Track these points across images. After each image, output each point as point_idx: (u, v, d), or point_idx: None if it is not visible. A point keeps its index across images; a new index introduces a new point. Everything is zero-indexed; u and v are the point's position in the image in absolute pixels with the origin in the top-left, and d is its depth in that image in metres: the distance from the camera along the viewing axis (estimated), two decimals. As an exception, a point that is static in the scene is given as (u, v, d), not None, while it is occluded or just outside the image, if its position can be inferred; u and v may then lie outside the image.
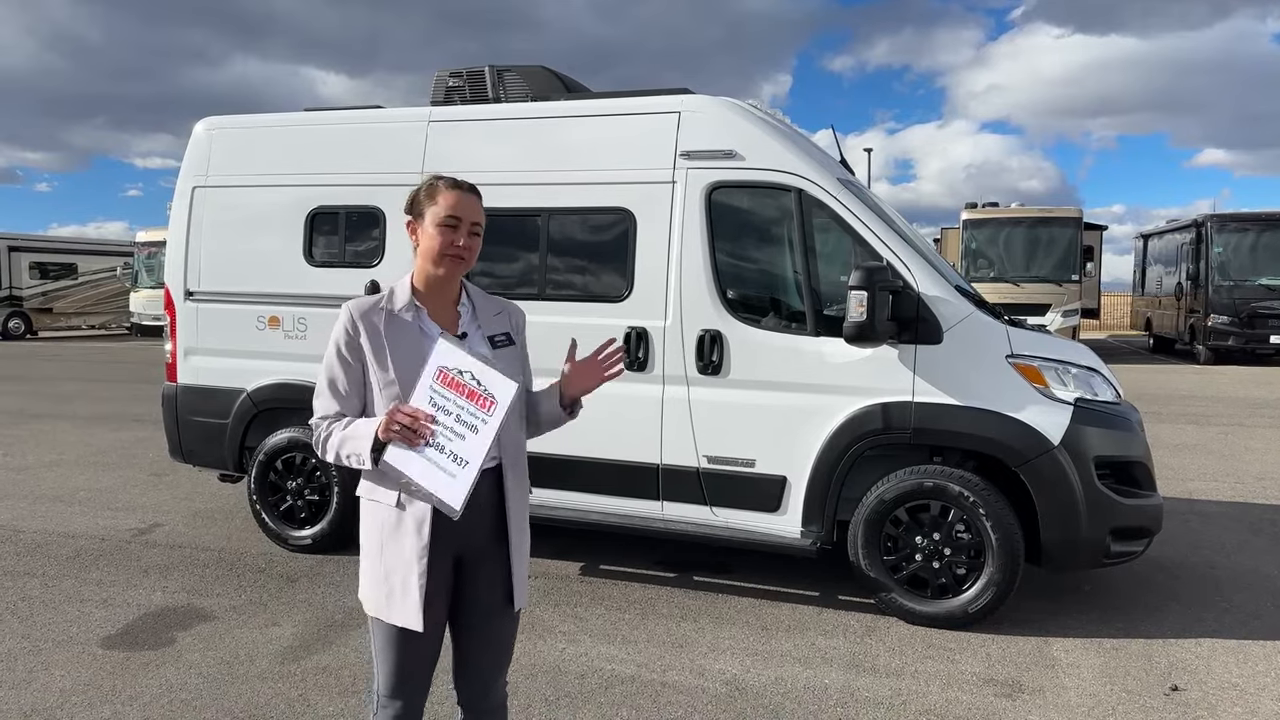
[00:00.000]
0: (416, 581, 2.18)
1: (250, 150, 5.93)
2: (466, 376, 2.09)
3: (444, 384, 2.09)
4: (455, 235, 2.24)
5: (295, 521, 5.79)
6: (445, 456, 2.06)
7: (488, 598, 2.32)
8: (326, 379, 2.29)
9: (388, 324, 2.26)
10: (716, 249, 4.87)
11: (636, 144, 5.02)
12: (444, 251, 2.24)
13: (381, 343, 2.23)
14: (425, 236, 2.26)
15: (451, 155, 5.39)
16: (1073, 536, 4.39)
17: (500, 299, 2.48)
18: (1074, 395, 4.45)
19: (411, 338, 2.23)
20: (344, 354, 2.26)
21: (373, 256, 5.53)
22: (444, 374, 2.09)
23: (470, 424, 2.06)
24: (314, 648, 4.28)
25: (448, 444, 2.07)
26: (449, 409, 2.08)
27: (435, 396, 2.09)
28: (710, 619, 4.67)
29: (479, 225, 2.31)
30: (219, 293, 5.91)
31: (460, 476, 2.05)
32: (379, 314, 2.27)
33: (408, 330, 2.25)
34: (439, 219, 2.24)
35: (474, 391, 2.08)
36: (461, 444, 2.07)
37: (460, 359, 2.10)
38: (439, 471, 2.06)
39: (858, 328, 4.36)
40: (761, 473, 4.79)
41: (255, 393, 5.80)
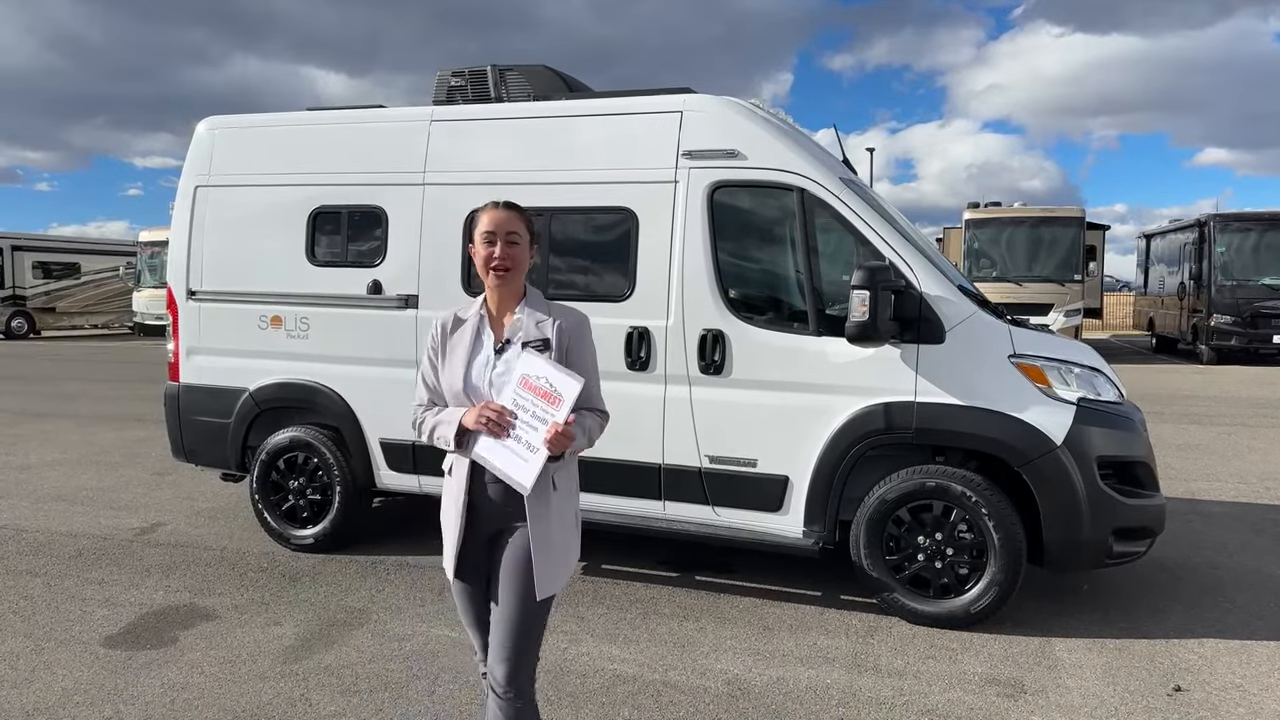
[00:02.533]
0: (453, 541, 2.61)
1: (252, 150, 5.93)
2: (542, 381, 2.48)
3: (525, 388, 2.49)
4: (493, 248, 2.56)
5: (297, 521, 5.79)
6: (521, 445, 2.47)
7: (503, 577, 2.58)
8: (422, 375, 2.71)
9: (452, 329, 2.65)
10: (719, 248, 4.86)
11: (638, 143, 5.02)
12: (486, 264, 2.58)
13: (442, 345, 2.65)
14: (474, 254, 2.60)
15: (453, 155, 5.40)
16: (1075, 537, 4.38)
17: (558, 306, 2.71)
18: (1077, 395, 4.44)
19: (464, 342, 2.62)
20: (432, 350, 2.67)
21: (375, 256, 5.53)
22: (526, 380, 2.49)
23: (542, 418, 2.46)
24: (316, 647, 4.28)
25: (524, 435, 2.47)
26: (526, 407, 2.48)
27: (518, 398, 2.49)
28: (712, 618, 4.67)
29: (515, 234, 2.59)
30: (221, 292, 5.91)
31: (531, 461, 2.46)
32: (450, 320, 2.67)
33: (464, 335, 2.63)
34: (479, 236, 2.59)
35: (546, 392, 2.48)
36: (534, 435, 2.46)
37: (539, 367, 2.50)
38: (514, 457, 2.48)
39: (860, 327, 4.35)
40: (764, 472, 4.79)
41: (257, 392, 5.81)
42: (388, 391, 5.47)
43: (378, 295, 5.48)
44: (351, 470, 5.62)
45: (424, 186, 5.41)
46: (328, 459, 5.64)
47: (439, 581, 5.21)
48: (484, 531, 2.61)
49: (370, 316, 5.50)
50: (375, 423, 5.54)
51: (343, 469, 5.62)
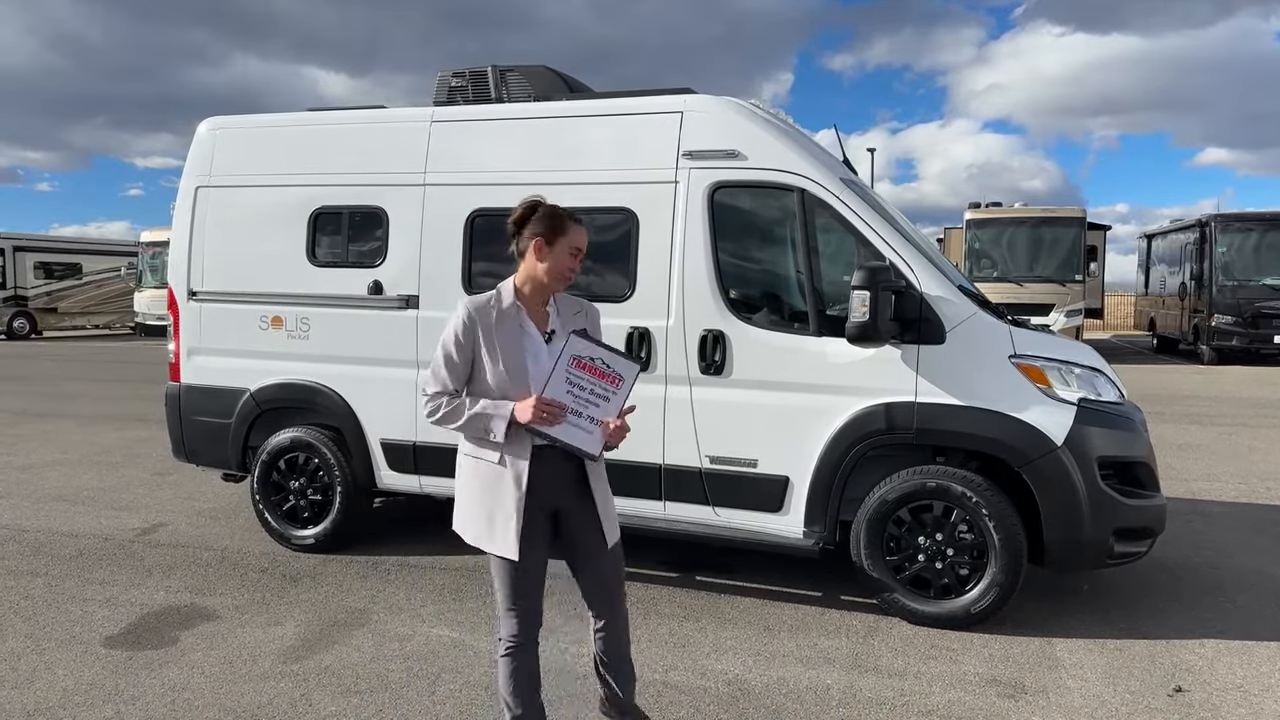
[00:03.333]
0: (515, 523, 2.77)
1: (253, 150, 5.94)
2: (597, 362, 2.77)
3: (578, 368, 2.74)
4: (575, 262, 2.86)
5: (298, 521, 5.80)
6: (583, 419, 2.75)
7: (584, 541, 2.93)
8: (443, 359, 2.81)
9: (497, 320, 2.80)
10: (719, 249, 4.86)
11: (639, 144, 5.02)
12: (564, 274, 2.85)
13: (492, 335, 2.78)
14: (553, 257, 2.81)
15: (454, 155, 5.40)
16: (1076, 537, 4.38)
17: (579, 300, 3.03)
18: (1077, 395, 4.44)
19: (514, 332, 2.81)
20: (461, 340, 2.79)
21: (375, 256, 5.53)
22: (577, 360, 2.74)
23: (603, 395, 2.77)
24: (316, 647, 4.28)
25: (584, 410, 2.75)
26: (583, 385, 2.74)
27: (570, 377, 2.73)
28: (712, 619, 4.67)
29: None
30: (222, 292, 5.91)
31: (596, 433, 2.77)
32: (490, 311, 2.81)
33: (511, 325, 2.81)
34: (570, 248, 2.84)
35: (604, 372, 2.77)
36: (595, 409, 2.76)
37: (590, 349, 2.78)
38: (578, 430, 2.75)
39: (860, 328, 4.35)
40: (764, 473, 4.79)
41: (258, 392, 5.81)
42: (389, 392, 5.48)
43: (378, 295, 5.48)
44: (352, 470, 5.62)
45: (425, 187, 5.41)
46: (328, 459, 5.64)
47: (439, 582, 5.21)
48: (544, 509, 2.83)
49: (371, 317, 5.51)
50: (376, 423, 5.55)
51: (343, 469, 5.63)
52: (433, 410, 2.82)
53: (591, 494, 2.90)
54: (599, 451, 2.79)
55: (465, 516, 2.90)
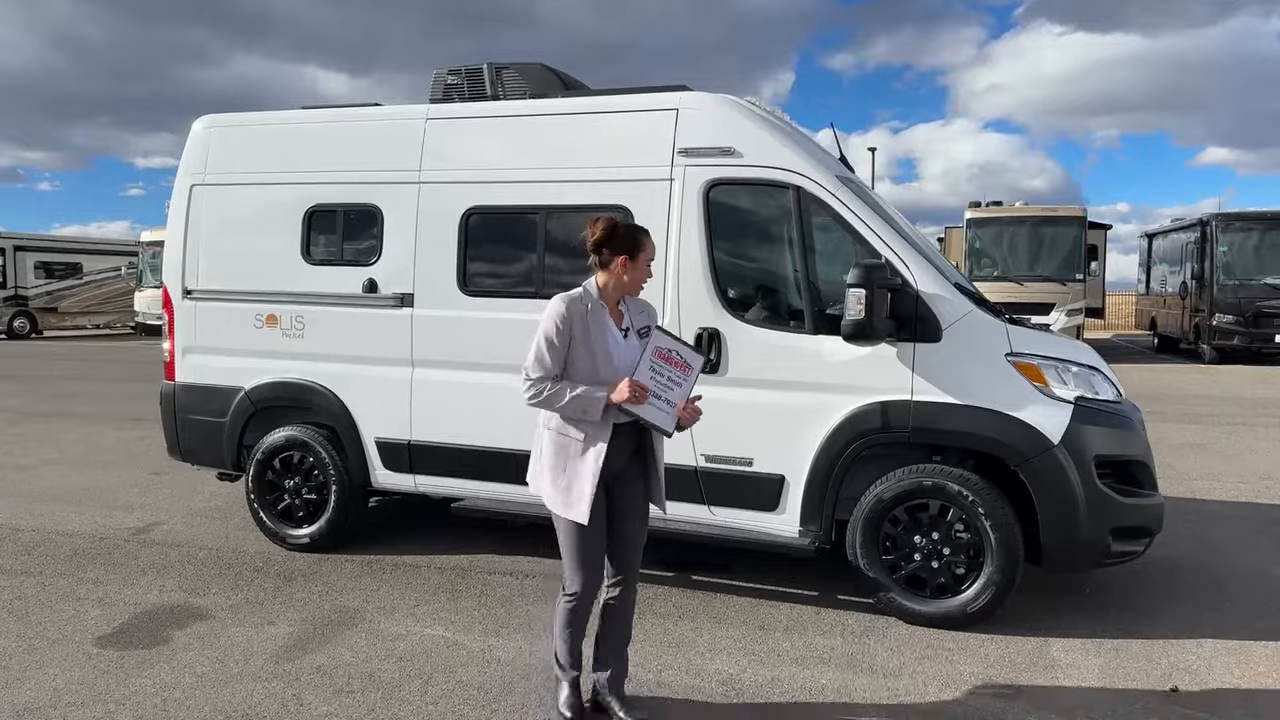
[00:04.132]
0: (589, 493, 3.21)
1: (248, 148, 5.92)
2: (674, 353, 3.30)
3: (659, 358, 3.27)
4: (650, 272, 3.38)
5: (293, 520, 5.78)
6: (662, 401, 3.26)
7: (626, 507, 3.41)
8: (546, 348, 3.22)
9: (590, 314, 3.26)
10: (715, 247, 4.84)
11: (634, 141, 5.00)
12: (643, 282, 3.36)
13: (585, 327, 3.23)
14: (635, 270, 3.30)
15: (449, 153, 5.38)
16: (1073, 536, 4.36)
17: (642, 300, 3.51)
18: (1074, 394, 4.42)
19: (601, 325, 3.28)
20: (560, 329, 3.22)
21: (370, 255, 5.51)
22: (659, 351, 3.27)
23: (677, 381, 3.29)
24: (309, 647, 4.26)
25: (663, 393, 3.25)
26: (662, 372, 3.26)
27: (654, 364, 3.25)
28: (708, 618, 4.64)
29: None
30: (217, 291, 5.89)
31: (670, 413, 3.28)
32: (583, 306, 3.26)
33: (599, 321, 3.28)
34: (647, 261, 3.34)
35: (678, 361, 3.29)
36: (670, 393, 3.27)
37: (670, 342, 3.32)
38: (657, 410, 3.25)
39: (856, 326, 4.32)
40: (760, 472, 4.77)
41: (253, 391, 5.79)
42: (383, 391, 5.46)
43: (373, 294, 5.46)
44: (347, 470, 5.60)
45: (419, 185, 5.39)
46: (323, 458, 5.62)
47: (434, 581, 5.19)
48: (605, 479, 3.27)
49: (366, 315, 5.49)
50: (371, 422, 5.53)
51: (338, 468, 5.61)
52: (536, 393, 3.24)
53: (643, 466, 3.42)
54: (672, 429, 3.30)
55: (544, 484, 3.34)
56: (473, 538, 5.88)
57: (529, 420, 5.11)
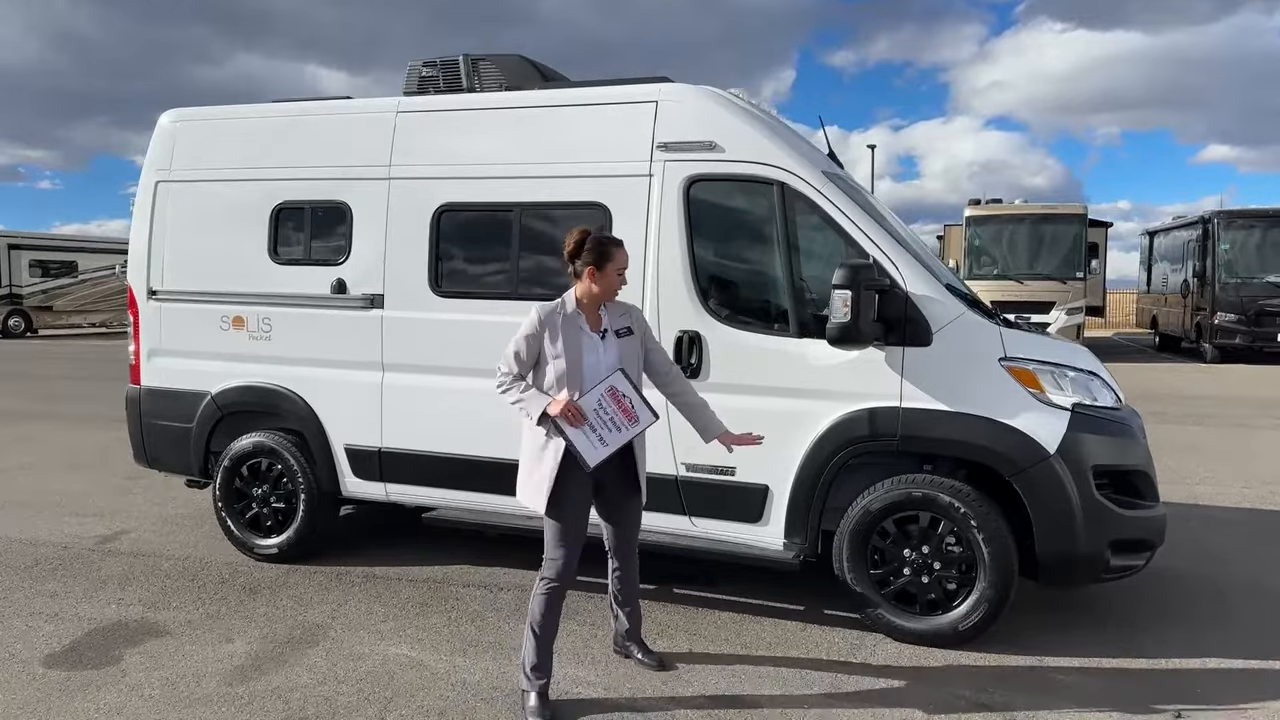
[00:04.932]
0: (547, 486, 3.48)
1: (215, 143, 5.70)
2: (627, 400, 3.45)
3: (610, 397, 3.42)
4: (621, 278, 3.57)
5: (261, 530, 5.57)
6: (595, 435, 3.39)
7: (617, 501, 3.79)
8: (514, 350, 3.51)
9: (563, 323, 3.49)
10: (695, 246, 4.62)
11: (611, 135, 4.78)
12: (614, 289, 3.56)
13: (557, 334, 3.47)
14: (604, 279, 3.51)
15: (421, 147, 5.16)
16: (1070, 550, 4.14)
17: (623, 303, 3.69)
18: (1071, 400, 4.20)
19: (574, 333, 3.50)
20: (530, 338, 3.48)
21: (339, 254, 5.29)
22: (613, 390, 3.43)
23: (618, 425, 3.43)
24: (266, 668, 4.05)
25: (599, 429, 3.40)
26: (607, 410, 3.41)
27: (602, 399, 3.40)
28: (686, 636, 4.43)
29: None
30: (182, 292, 5.68)
31: (598, 450, 3.41)
32: (557, 315, 3.50)
33: (573, 327, 3.51)
34: (616, 269, 3.53)
35: (627, 408, 3.45)
36: (607, 433, 3.42)
37: (627, 389, 3.47)
38: (587, 441, 3.39)
39: (842, 329, 4.11)
40: (742, 481, 4.55)
41: (219, 396, 5.58)
42: (353, 395, 5.25)
43: (342, 295, 5.24)
44: (316, 477, 5.39)
45: (390, 181, 5.18)
46: (292, 466, 5.41)
47: (405, 595, 4.98)
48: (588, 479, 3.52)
49: (334, 317, 5.27)
50: (340, 428, 5.31)
51: (307, 476, 5.39)
52: (499, 384, 3.55)
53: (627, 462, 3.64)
54: (593, 464, 3.42)
55: (522, 474, 3.61)
56: (449, 548, 5.67)
57: (503, 427, 4.94)
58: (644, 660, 4.04)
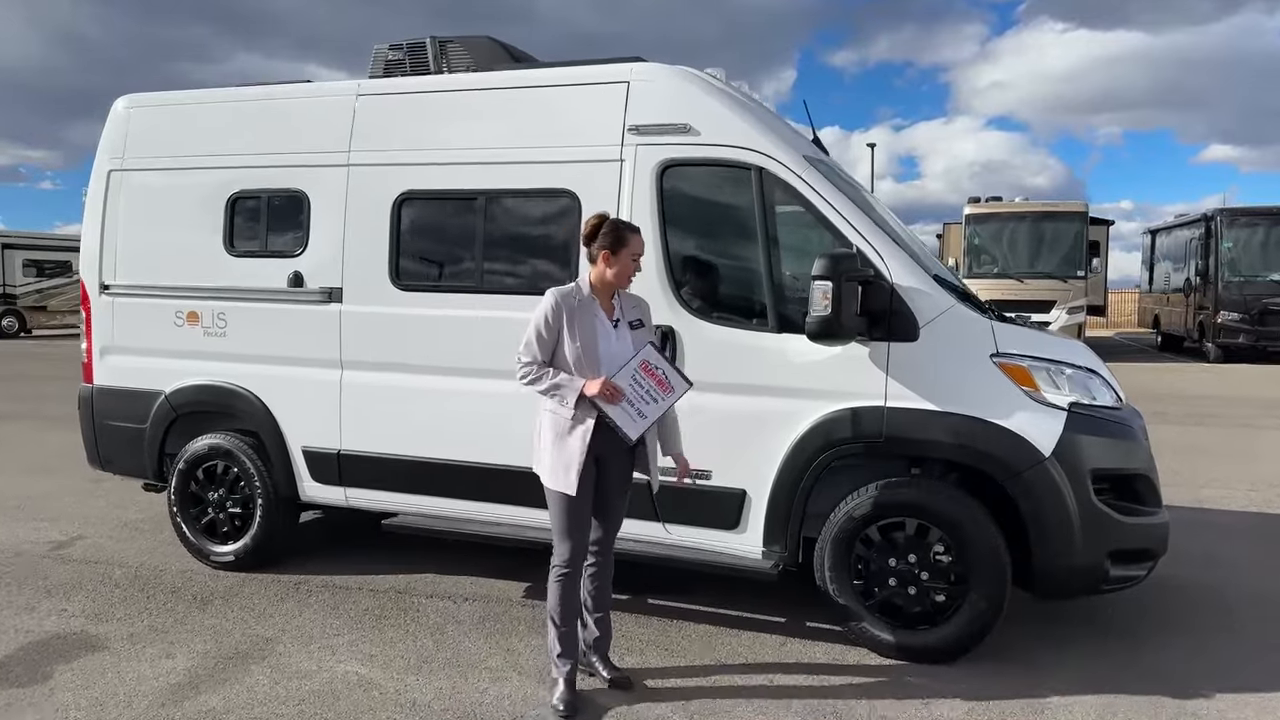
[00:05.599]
0: (577, 467, 3.43)
1: (170, 130, 5.43)
2: (660, 371, 3.47)
3: (644, 371, 3.44)
4: (636, 265, 3.55)
5: (218, 536, 5.29)
6: (634, 409, 3.41)
7: (612, 488, 3.63)
8: (535, 335, 3.45)
9: (579, 308, 3.46)
10: (669, 235, 4.35)
11: (581, 118, 4.50)
12: (628, 276, 3.54)
13: (574, 319, 3.44)
14: (618, 264, 3.48)
15: (380, 133, 4.89)
16: (1066, 560, 3.86)
17: (635, 295, 3.70)
18: (1068, 399, 3.92)
19: (590, 318, 3.48)
20: (550, 322, 3.44)
21: (296, 246, 5.02)
22: (645, 364, 3.44)
23: (654, 397, 3.44)
24: (204, 686, 3.77)
25: (637, 403, 3.42)
26: (642, 384, 3.42)
27: (635, 374, 3.42)
28: (658, 651, 4.15)
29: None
30: (136, 286, 5.41)
31: (639, 423, 3.44)
32: (573, 299, 3.48)
33: (588, 313, 3.49)
34: (631, 255, 3.50)
35: (661, 380, 3.46)
36: (645, 406, 3.44)
37: (659, 361, 3.49)
38: (628, 416, 3.41)
39: (822, 323, 3.83)
40: (719, 486, 4.28)
41: (173, 395, 5.31)
42: (310, 395, 4.98)
43: (299, 289, 4.97)
44: (273, 481, 5.11)
45: (349, 168, 4.90)
46: (248, 469, 5.14)
47: (364, 606, 4.71)
48: (594, 457, 3.47)
49: (291, 312, 5.00)
50: (297, 429, 5.04)
51: (264, 480, 5.12)
52: (525, 374, 3.47)
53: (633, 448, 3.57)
54: (635, 437, 3.44)
55: (542, 459, 3.53)
56: (416, 555, 5.39)
57: (467, 429, 4.68)
58: (609, 678, 3.76)
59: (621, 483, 3.67)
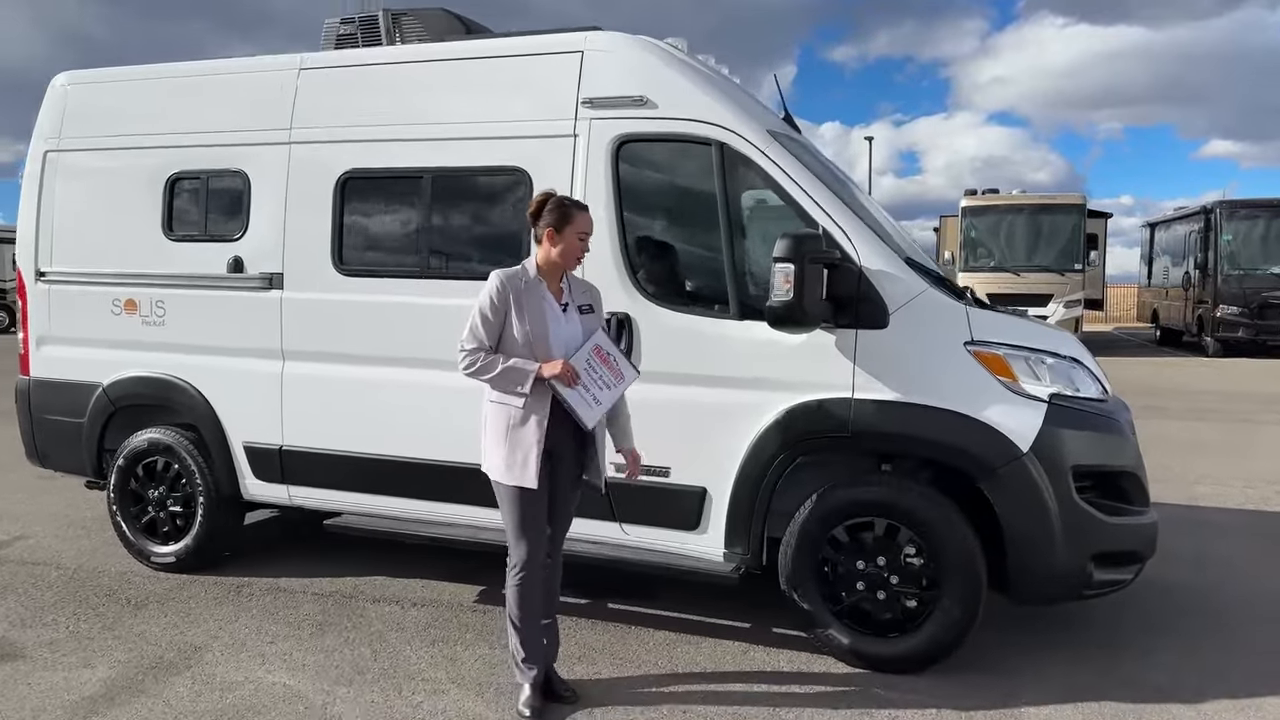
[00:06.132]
0: (535, 458, 3.22)
1: (108, 109, 5.15)
2: (612, 358, 3.31)
3: (597, 356, 3.27)
4: (583, 245, 3.34)
5: (159, 536, 5.03)
6: (589, 395, 3.25)
7: (562, 482, 3.40)
8: (480, 319, 3.24)
9: (525, 290, 3.26)
10: (625, 215, 4.07)
11: (532, 90, 4.23)
12: (575, 255, 3.32)
13: (521, 301, 3.24)
14: (564, 241, 3.27)
15: (323, 109, 4.62)
16: (1046, 564, 3.59)
17: (585, 281, 3.54)
18: (1048, 390, 3.64)
19: (538, 300, 3.27)
20: (495, 304, 3.23)
21: (236, 229, 4.74)
22: (599, 349, 3.28)
23: (607, 383, 3.28)
24: (119, 698, 3.51)
25: (592, 388, 3.25)
26: (596, 369, 3.26)
27: (590, 359, 3.25)
28: (611, 660, 3.89)
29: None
30: (72, 273, 5.14)
31: (595, 409, 3.27)
32: (520, 281, 3.27)
33: (536, 295, 3.27)
34: (577, 233, 3.29)
35: (613, 366, 3.30)
36: (600, 392, 3.27)
37: (611, 347, 3.34)
38: (584, 402, 3.24)
39: (784, 308, 3.56)
40: (677, 483, 4.01)
41: (112, 387, 5.04)
42: (251, 387, 4.71)
43: (238, 274, 4.70)
44: (215, 479, 4.85)
45: (290, 145, 4.63)
46: (189, 466, 4.87)
47: (305, 610, 4.44)
48: (546, 448, 3.25)
49: (230, 299, 4.73)
50: (238, 424, 4.77)
51: (205, 477, 4.86)
52: (470, 363, 3.23)
53: (580, 441, 3.39)
54: (592, 424, 3.28)
55: (492, 456, 3.31)
56: (368, 558, 5.11)
57: (416, 424, 4.40)
58: (555, 690, 3.49)
59: (573, 478, 3.44)
